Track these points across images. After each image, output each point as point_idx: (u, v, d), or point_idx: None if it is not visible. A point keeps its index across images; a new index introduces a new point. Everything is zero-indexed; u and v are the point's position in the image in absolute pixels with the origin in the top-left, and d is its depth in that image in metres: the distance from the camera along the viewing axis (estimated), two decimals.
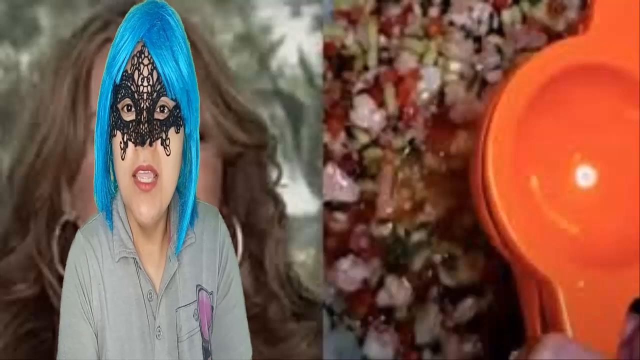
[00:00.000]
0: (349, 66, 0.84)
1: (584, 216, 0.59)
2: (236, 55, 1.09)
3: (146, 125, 0.51)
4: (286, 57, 1.11)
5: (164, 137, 0.52)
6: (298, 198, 0.93)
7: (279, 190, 0.80)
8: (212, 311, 0.56)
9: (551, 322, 0.55)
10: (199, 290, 0.55)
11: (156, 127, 0.52)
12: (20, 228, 0.73)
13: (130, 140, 0.51)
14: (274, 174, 0.80)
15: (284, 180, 0.81)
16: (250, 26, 1.10)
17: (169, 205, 0.54)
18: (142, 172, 0.51)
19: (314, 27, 1.04)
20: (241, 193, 0.76)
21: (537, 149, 0.58)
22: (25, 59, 1.07)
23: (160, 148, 0.52)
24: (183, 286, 0.55)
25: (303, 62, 1.09)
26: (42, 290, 0.72)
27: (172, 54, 0.52)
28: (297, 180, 1.05)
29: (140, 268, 0.53)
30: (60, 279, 0.71)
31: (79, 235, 0.54)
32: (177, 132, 0.52)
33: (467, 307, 0.81)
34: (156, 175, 0.52)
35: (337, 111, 0.83)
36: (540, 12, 0.82)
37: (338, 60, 0.84)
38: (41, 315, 0.71)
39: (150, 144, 0.51)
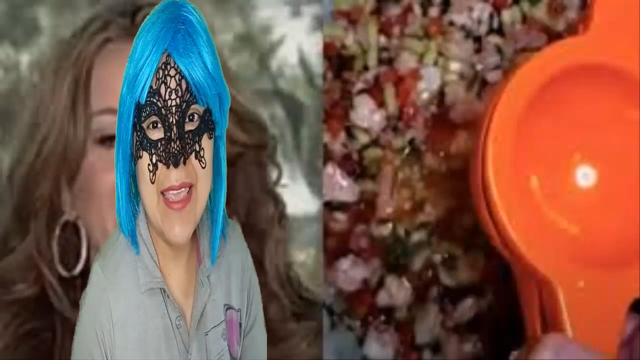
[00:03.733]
0: (349, 66, 0.84)
1: (584, 216, 0.59)
2: (236, 55, 1.09)
3: (178, 142, 0.47)
4: (286, 57, 1.11)
5: (197, 148, 0.48)
6: (298, 198, 0.93)
7: (279, 190, 0.80)
8: (240, 328, 0.54)
9: (551, 322, 0.55)
10: (227, 310, 0.53)
11: (188, 141, 0.48)
12: (20, 228, 0.73)
13: (161, 161, 0.47)
14: (274, 174, 0.80)
15: (284, 180, 0.80)
16: (250, 26, 1.10)
17: None
18: (173, 191, 0.48)
19: (314, 27, 1.04)
20: (241, 193, 0.76)
21: (537, 149, 0.58)
22: (25, 59, 1.07)
23: (195, 162, 0.48)
24: (213, 309, 0.52)
25: (303, 62, 1.09)
26: (42, 290, 0.72)
27: (200, 59, 0.48)
28: (297, 180, 1.05)
29: (169, 297, 0.50)
30: (60, 279, 0.71)
31: (98, 271, 0.50)
32: (210, 138, 0.49)
33: (467, 307, 0.81)
34: (190, 187, 0.48)
35: (337, 111, 0.83)
36: (540, 12, 0.82)
37: (338, 60, 0.84)
38: (41, 315, 0.71)
39: (185, 162, 0.48)
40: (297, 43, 1.09)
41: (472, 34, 0.83)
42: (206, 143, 0.49)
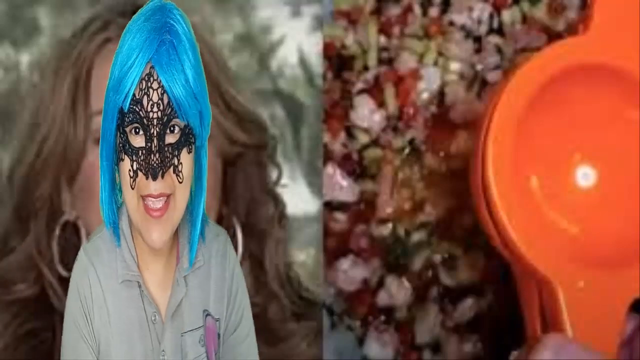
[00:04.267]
0: (349, 66, 0.84)
1: (584, 216, 0.59)
2: (236, 55, 1.09)
3: (157, 155, 0.49)
4: (286, 57, 1.11)
5: (176, 162, 0.49)
6: (298, 198, 0.93)
7: (279, 190, 0.80)
8: (219, 338, 0.55)
9: (551, 322, 0.55)
10: (205, 316, 0.54)
11: (167, 155, 0.49)
12: (20, 228, 0.73)
13: (141, 170, 0.49)
14: (274, 174, 0.80)
15: (284, 180, 0.80)
16: (250, 26, 1.10)
17: (178, 225, 0.52)
18: (152, 198, 0.49)
19: (314, 27, 1.04)
20: (241, 193, 0.76)
21: (537, 149, 0.58)
22: (25, 59, 1.07)
23: (172, 176, 0.49)
24: (190, 310, 0.53)
25: (303, 62, 1.09)
26: (42, 290, 0.72)
27: (183, 75, 0.49)
28: (297, 180, 1.05)
29: (144, 291, 0.52)
30: (60, 279, 0.71)
31: (81, 253, 0.52)
32: (189, 152, 0.50)
33: (467, 307, 0.81)
34: (168, 196, 0.50)
35: (337, 111, 0.83)
36: (540, 12, 0.82)
37: (338, 60, 0.84)
38: (41, 315, 0.71)
39: (162, 176, 0.49)
40: (297, 43, 1.09)
41: (472, 34, 0.83)
42: (185, 158, 0.50)
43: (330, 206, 0.83)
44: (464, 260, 0.81)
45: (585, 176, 0.59)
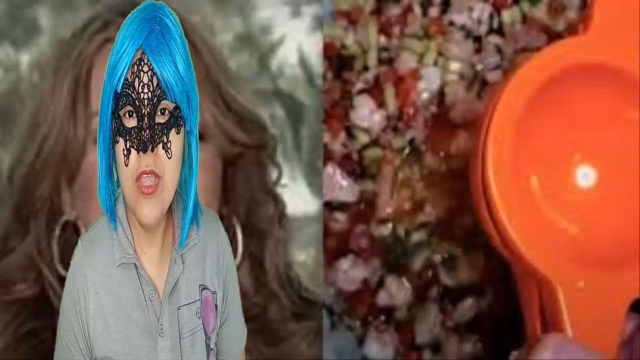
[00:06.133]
0: (349, 66, 0.84)
1: (584, 216, 0.59)
2: (236, 55, 1.09)
3: (148, 131, 0.52)
4: (286, 57, 1.11)
5: (165, 140, 0.53)
6: (298, 198, 0.93)
7: (279, 190, 0.80)
8: (217, 309, 0.57)
9: (551, 322, 0.55)
10: (202, 290, 0.56)
11: (157, 132, 0.52)
12: (20, 228, 0.73)
13: (133, 147, 0.52)
14: (274, 174, 0.80)
15: (284, 180, 0.81)
16: (250, 26, 1.10)
17: (172, 207, 0.55)
18: (145, 176, 0.52)
19: (314, 27, 1.04)
20: (241, 193, 0.76)
21: (537, 149, 0.58)
22: (25, 59, 1.07)
23: (161, 152, 0.53)
24: (186, 286, 0.56)
25: (303, 62, 1.09)
26: (42, 290, 0.72)
27: (171, 58, 0.52)
28: (297, 180, 1.05)
29: (141, 272, 0.54)
30: (60, 279, 0.71)
31: (79, 243, 0.55)
32: (177, 133, 0.53)
33: (467, 307, 0.81)
34: (158, 177, 0.53)
35: (337, 111, 0.83)
36: (540, 12, 0.82)
37: (338, 60, 0.84)
38: (41, 315, 0.71)
39: (152, 150, 0.52)
40: (297, 43, 1.09)
41: (472, 34, 0.83)
42: (174, 137, 0.53)
43: (330, 206, 0.83)
44: (464, 260, 0.81)
45: (585, 176, 0.59)
